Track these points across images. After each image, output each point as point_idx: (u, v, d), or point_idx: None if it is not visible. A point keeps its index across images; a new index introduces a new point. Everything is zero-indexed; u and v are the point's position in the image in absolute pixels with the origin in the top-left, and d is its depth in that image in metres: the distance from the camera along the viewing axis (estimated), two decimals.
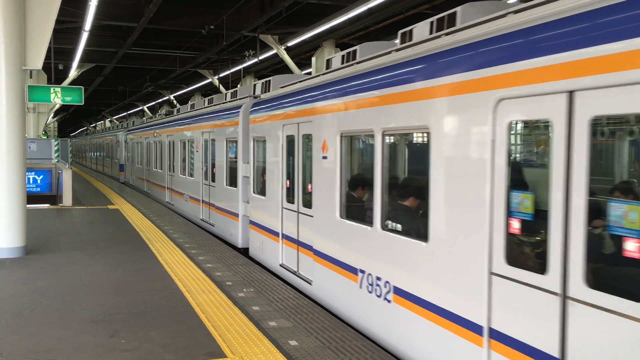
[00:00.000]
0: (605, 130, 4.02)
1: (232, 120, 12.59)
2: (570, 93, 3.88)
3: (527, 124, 4.56)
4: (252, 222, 11.18)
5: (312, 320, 6.74)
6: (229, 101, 14.32)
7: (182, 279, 8.60)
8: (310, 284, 8.23)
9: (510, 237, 4.43)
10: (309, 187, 8.42)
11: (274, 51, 20.75)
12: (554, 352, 3.97)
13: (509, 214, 4.42)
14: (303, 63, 24.87)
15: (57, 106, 31.05)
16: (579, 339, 3.79)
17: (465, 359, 4.85)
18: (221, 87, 29.34)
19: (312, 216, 8.16)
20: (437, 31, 6.03)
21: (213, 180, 14.10)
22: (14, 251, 10.18)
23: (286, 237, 9.31)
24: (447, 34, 5.70)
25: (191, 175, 16.47)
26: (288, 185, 9.32)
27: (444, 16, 6.00)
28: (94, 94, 42.52)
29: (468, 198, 4.86)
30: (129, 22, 19.07)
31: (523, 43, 4.36)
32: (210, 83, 31.15)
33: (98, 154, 44.15)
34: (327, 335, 6.20)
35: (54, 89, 12.92)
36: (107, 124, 62.58)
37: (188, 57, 26.01)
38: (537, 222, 4.23)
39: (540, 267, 4.12)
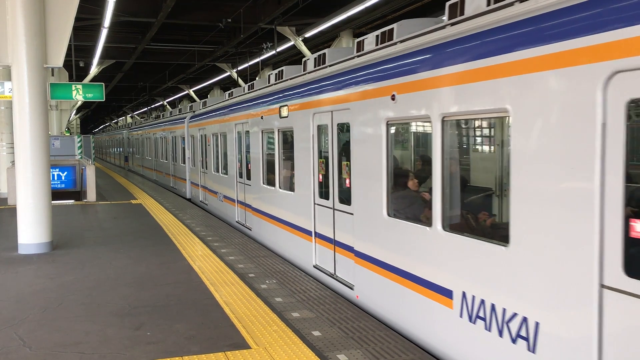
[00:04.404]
0: None
1: (182, 125, 20.95)
2: None
3: None
4: (191, 182, 19.62)
5: (334, 310, 6.76)
6: (186, 112, 22.57)
7: (205, 271, 8.69)
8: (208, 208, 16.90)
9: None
10: (208, 160, 16.65)
11: (292, 43, 20.69)
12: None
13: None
14: None
15: (79, 103, 31.43)
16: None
17: (232, 211, 13.63)
18: (239, 80, 29.38)
19: (210, 175, 16.47)
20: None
21: (176, 161, 22.43)
22: (41, 247, 10.36)
23: (204, 187, 17.44)
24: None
25: (166, 159, 24.53)
26: (202, 160, 17.62)
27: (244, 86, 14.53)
28: (115, 90, 42.89)
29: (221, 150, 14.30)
30: (147, 17, 19.17)
31: None
32: (229, 76, 31.21)
33: (110, 148, 55.01)
34: (350, 326, 6.22)
35: (75, 86, 13.02)
36: (129, 119, 63.19)
37: (206, 51, 26.08)
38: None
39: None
